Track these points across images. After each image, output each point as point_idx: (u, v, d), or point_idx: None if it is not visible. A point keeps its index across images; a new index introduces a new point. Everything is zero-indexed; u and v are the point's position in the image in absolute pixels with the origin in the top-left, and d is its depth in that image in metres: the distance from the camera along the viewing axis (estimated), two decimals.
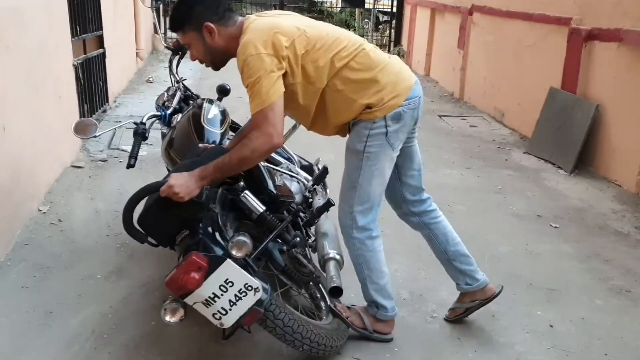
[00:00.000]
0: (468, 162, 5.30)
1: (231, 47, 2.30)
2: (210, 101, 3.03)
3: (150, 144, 5.13)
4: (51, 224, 3.55)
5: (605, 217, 4.15)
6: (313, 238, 2.83)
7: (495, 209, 4.23)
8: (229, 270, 2.05)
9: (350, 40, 2.36)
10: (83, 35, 5.19)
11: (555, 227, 3.95)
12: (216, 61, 2.40)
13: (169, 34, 11.18)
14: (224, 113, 3.00)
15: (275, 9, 14.12)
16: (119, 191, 4.13)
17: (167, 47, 3.50)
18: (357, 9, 15.23)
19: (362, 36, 11.33)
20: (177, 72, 3.45)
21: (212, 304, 2.05)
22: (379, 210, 2.50)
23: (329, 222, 2.64)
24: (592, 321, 2.85)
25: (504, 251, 3.54)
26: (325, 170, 2.92)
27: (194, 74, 8.50)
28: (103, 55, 5.90)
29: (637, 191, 4.50)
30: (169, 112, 3.11)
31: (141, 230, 2.25)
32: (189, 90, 3.44)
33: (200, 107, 2.93)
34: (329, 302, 2.52)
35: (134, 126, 2.87)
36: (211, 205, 2.29)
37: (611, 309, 2.97)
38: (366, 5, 14.10)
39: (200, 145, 2.68)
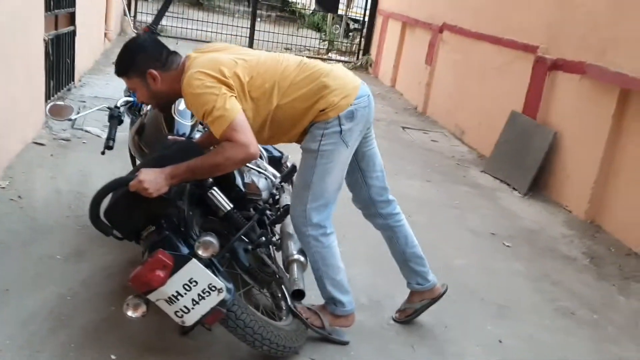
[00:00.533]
0: (428, 175, 5.43)
1: (175, 89, 2.36)
2: None
3: None
4: (10, 200, 3.48)
5: (555, 240, 4.32)
6: (278, 236, 2.86)
7: (452, 223, 4.36)
8: (194, 269, 2.07)
9: (290, 59, 2.48)
10: (56, 11, 5.09)
11: (508, 246, 4.09)
12: (161, 104, 2.50)
13: (139, 17, 11.04)
14: None
15: (249, 4, 14.09)
16: (82, 172, 4.07)
17: (137, 34, 3.46)
18: (329, 14, 15.32)
19: (332, 41, 11.41)
20: None
21: (175, 302, 2.07)
22: (334, 209, 2.56)
23: None
24: (540, 339, 2.98)
25: (459, 264, 3.65)
26: (293, 168, 2.96)
27: None
28: (73, 32, 5.79)
29: (586, 218, 4.70)
30: None
31: (107, 223, 2.24)
32: None
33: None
34: (289, 303, 2.56)
35: (108, 110, 2.86)
36: (178, 201, 2.31)
37: (557, 329, 3.11)
38: (339, 12, 14.20)
39: (170, 137, 2.69)
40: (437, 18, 8.07)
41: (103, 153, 2.83)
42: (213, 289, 2.09)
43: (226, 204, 2.39)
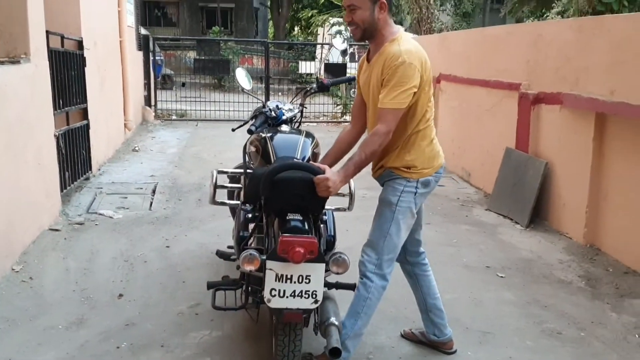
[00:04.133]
0: (428, 218, 5.53)
1: (384, 32, 2.68)
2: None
3: (127, 208, 5.42)
4: (22, 282, 3.78)
5: (551, 267, 4.37)
6: None
7: (447, 260, 4.46)
8: (319, 272, 2.35)
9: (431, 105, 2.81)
10: (66, 108, 5.55)
11: (502, 276, 4.17)
12: (366, 33, 2.69)
13: (160, 105, 11.71)
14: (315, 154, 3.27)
15: (261, 81, 14.71)
16: (91, 251, 4.37)
17: (317, 78, 3.76)
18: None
19: (346, 104, 11.53)
20: (304, 101, 3.82)
21: (282, 282, 2.33)
22: None
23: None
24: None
25: (448, 298, 3.72)
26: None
27: (179, 142, 8.92)
28: (87, 126, 6.26)
29: (585, 243, 4.75)
30: (284, 117, 3.46)
31: (268, 189, 2.50)
32: (301, 118, 3.74)
33: (308, 135, 3.27)
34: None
35: (261, 105, 3.46)
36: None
37: (539, 349, 3.18)
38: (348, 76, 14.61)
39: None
40: (434, 69, 8.33)
41: (233, 130, 3.28)
42: (314, 295, 2.36)
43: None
